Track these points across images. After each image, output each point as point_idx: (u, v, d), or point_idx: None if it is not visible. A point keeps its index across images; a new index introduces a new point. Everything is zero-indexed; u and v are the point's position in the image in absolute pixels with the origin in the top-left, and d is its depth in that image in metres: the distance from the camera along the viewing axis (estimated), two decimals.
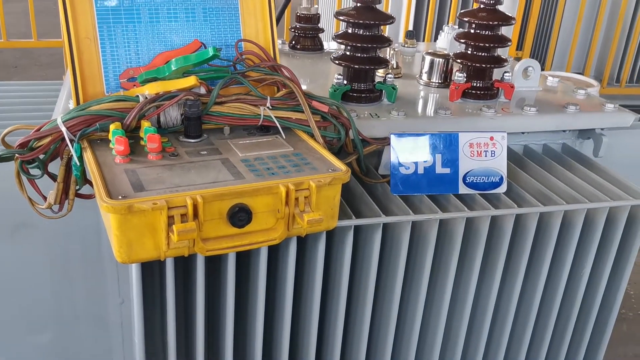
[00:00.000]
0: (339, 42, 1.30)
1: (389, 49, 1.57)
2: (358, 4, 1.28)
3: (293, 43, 1.75)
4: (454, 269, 1.15)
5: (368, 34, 1.28)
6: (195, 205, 0.84)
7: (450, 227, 1.12)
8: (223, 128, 1.06)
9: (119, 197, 0.82)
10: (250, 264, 1.06)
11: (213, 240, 0.88)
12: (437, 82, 1.48)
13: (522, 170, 1.26)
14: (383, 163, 1.21)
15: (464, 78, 1.37)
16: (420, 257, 1.13)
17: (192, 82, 1.03)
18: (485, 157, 1.16)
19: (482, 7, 1.36)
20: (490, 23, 1.35)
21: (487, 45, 1.36)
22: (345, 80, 1.31)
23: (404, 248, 1.10)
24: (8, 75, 4.59)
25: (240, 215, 0.88)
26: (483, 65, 1.38)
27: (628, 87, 4.23)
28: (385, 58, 1.35)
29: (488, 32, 1.36)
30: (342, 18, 1.28)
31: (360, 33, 1.28)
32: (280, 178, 0.91)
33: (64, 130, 0.95)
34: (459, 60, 1.41)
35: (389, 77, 1.33)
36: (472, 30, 1.38)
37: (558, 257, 1.21)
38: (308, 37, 1.73)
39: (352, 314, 1.17)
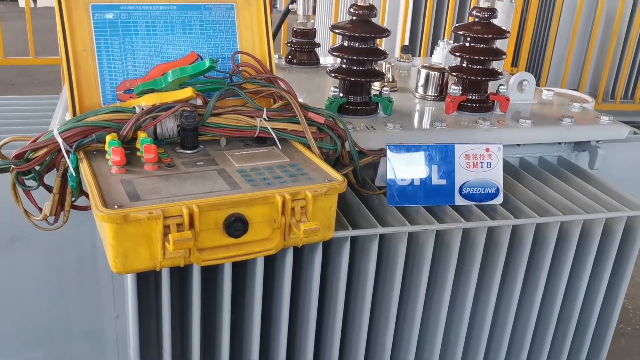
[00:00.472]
0: (335, 54, 1.31)
1: (385, 63, 1.58)
2: (354, 18, 1.29)
3: (289, 57, 1.76)
4: (451, 280, 1.14)
5: (364, 47, 1.29)
6: (192, 215, 0.84)
7: (447, 238, 1.12)
8: (219, 139, 1.06)
9: (115, 206, 0.82)
10: (247, 275, 1.06)
11: (209, 251, 0.88)
12: (432, 95, 1.49)
13: (518, 182, 1.27)
14: (379, 174, 1.21)
15: (460, 91, 1.38)
16: (417, 268, 1.13)
17: (188, 93, 1.03)
18: (482, 168, 1.17)
19: (476, 20, 1.38)
20: (485, 36, 1.36)
21: (482, 58, 1.37)
22: (342, 93, 1.32)
23: (401, 259, 1.10)
24: (5, 93, 4.61)
25: (237, 225, 0.87)
26: (478, 78, 1.39)
27: (622, 103, 4.27)
28: (381, 71, 1.36)
29: (483, 45, 1.37)
30: (338, 31, 1.29)
31: (356, 46, 1.29)
32: (277, 188, 0.91)
33: (60, 141, 0.95)
34: (455, 73, 1.41)
35: (385, 90, 1.33)
36: (467, 44, 1.39)
37: (555, 268, 1.21)
38: (304, 51, 1.74)
39: (349, 325, 1.17)
